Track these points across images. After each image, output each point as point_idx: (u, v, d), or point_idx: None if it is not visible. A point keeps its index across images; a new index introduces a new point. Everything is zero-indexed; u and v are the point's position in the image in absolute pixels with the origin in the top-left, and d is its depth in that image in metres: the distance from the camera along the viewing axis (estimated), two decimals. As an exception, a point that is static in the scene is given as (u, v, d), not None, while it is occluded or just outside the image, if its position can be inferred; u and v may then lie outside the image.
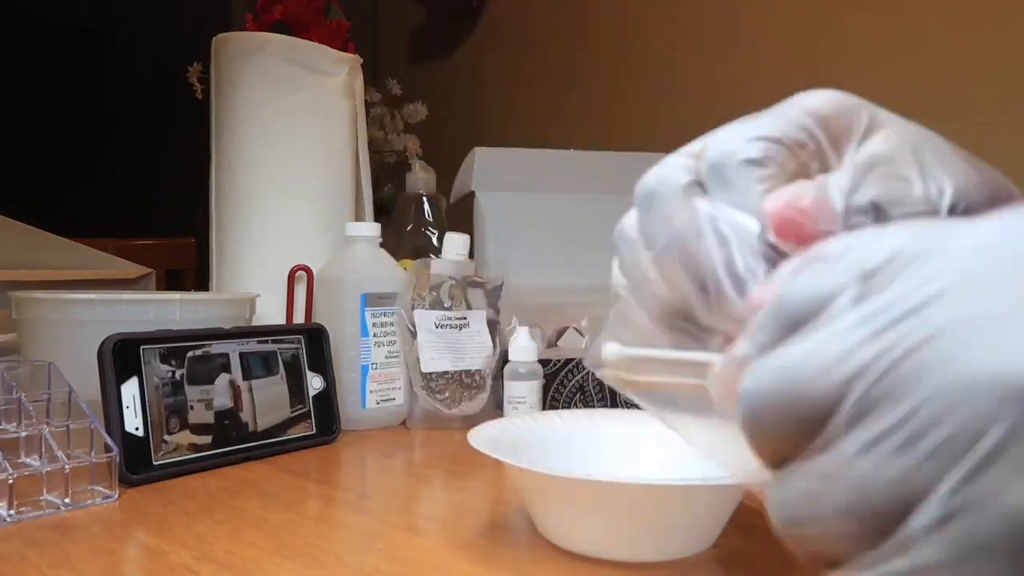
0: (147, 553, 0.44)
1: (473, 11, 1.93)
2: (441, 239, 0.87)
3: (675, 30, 1.51)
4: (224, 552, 0.43)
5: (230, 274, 0.88)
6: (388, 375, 0.76)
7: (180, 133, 1.86)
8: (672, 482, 0.41)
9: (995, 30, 1.11)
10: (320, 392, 0.69)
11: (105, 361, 0.55)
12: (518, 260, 0.95)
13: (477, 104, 1.91)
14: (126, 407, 0.55)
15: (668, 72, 1.52)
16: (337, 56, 0.92)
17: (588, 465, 0.48)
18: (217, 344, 0.62)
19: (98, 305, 0.66)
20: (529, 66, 1.81)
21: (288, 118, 0.88)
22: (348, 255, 0.78)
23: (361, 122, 0.96)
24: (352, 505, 0.54)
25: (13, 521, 0.47)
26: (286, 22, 1.03)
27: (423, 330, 0.75)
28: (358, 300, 0.74)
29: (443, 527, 0.49)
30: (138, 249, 1.57)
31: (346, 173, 0.94)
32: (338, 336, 0.73)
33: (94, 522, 0.48)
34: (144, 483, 0.55)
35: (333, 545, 0.45)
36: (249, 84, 0.87)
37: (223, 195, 0.89)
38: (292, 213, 0.88)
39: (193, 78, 1.23)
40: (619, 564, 0.41)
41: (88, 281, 1.16)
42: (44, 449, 0.51)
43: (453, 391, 0.75)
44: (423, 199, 1.03)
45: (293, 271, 0.84)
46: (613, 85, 1.63)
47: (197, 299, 0.73)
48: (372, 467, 0.66)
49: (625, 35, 1.61)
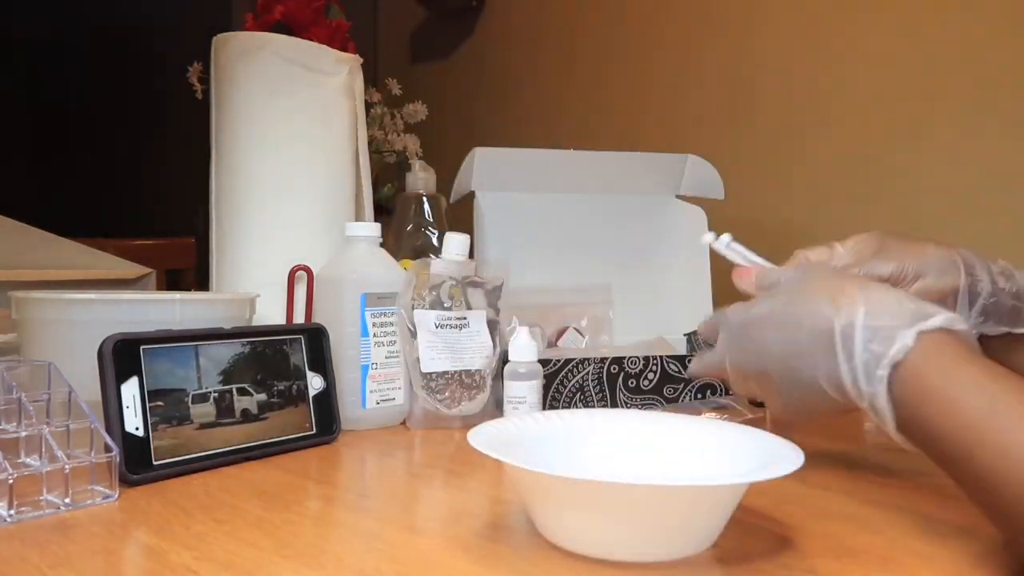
0: (147, 553, 0.44)
1: (473, 11, 1.93)
2: (441, 239, 0.87)
3: (676, 30, 1.51)
4: (224, 552, 0.43)
5: (230, 274, 0.88)
6: (388, 375, 0.76)
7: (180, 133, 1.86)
8: (672, 482, 0.41)
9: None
10: (320, 392, 0.69)
11: (105, 361, 0.55)
12: (518, 260, 0.95)
13: (477, 104, 1.91)
14: (126, 407, 0.55)
15: (668, 72, 1.52)
16: (337, 56, 0.92)
17: (588, 465, 0.48)
18: (217, 344, 0.62)
19: (98, 305, 0.66)
20: (529, 66, 1.81)
21: (288, 118, 0.88)
22: (348, 255, 0.78)
23: (361, 122, 0.96)
24: (352, 505, 0.54)
25: (13, 521, 0.47)
26: (286, 22, 1.03)
27: (423, 330, 0.75)
28: (358, 300, 0.74)
29: (443, 527, 0.49)
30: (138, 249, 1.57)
31: (346, 173, 0.93)
32: (338, 336, 0.73)
33: (94, 522, 0.48)
34: (144, 483, 0.55)
35: (333, 545, 0.45)
36: (249, 84, 0.87)
37: (223, 195, 0.89)
38: (292, 213, 0.88)
39: (193, 78, 1.23)
40: (619, 564, 0.41)
41: (88, 281, 1.16)
42: (44, 449, 0.51)
43: (453, 391, 0.75)
44: (423, 199, 1.03)
45: (293, 271, 0.84)
46: (613, 85, 1.63)
47: (197, 299, 0.73)
48: (372, 467, 0.66)
49: (625, 35, 1.61)
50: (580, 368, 0.81)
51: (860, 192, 1.24)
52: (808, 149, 1.31)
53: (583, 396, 0.81)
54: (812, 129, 1.30)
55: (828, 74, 1.28)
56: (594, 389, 0.82)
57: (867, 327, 0.44)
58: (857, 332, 0.44)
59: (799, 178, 1.32)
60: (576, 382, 0.81)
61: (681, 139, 1.46)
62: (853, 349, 0.44)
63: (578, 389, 0.81)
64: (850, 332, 0.44)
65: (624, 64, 1.61)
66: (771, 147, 1.36)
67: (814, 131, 1.30)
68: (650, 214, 1.04)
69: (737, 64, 1.41)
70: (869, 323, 0.44)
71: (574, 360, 0.81)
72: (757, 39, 1.38)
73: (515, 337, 0.74)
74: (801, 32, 1.32)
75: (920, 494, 0.55)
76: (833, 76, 1.28)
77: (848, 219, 1.25)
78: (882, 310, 0.44)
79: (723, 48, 1.43)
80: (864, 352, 0.44)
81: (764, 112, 1.37)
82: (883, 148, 1.22)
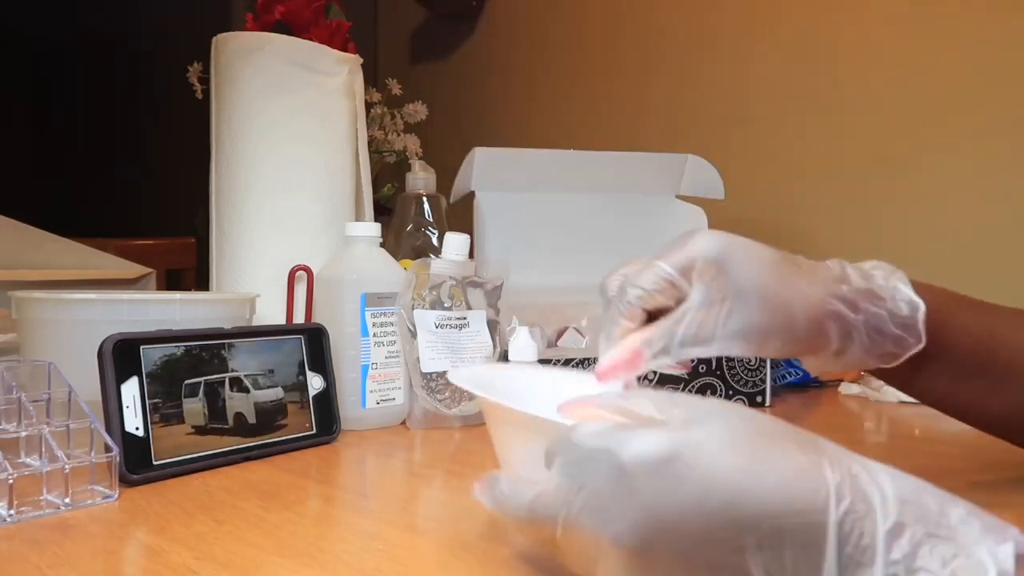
0: (147, 553, 0.44)
1: (473, 11, 1.93)
2: (441, 239, 0.87)
3: (676, 30, 1.51)
4: (224, 552, 0.43)
5: (230, 274, 0.88)
6: (388, 375, 0.76)
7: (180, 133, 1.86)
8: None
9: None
10: (320, 392, 0.69)
11: (105, 361, 0.55)
12: (518, 260, 0.95)
13: (477, 104, 1.91)
14: (126, 407, 0.55)
15: (669, 73, 1.52)
16: (337, 56, 0.92)
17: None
18: (217, 344, 0.62)
19: (98, 305, 0.66)
20: (529, 66, 1.81)
21: (288, 118, 0.88)
22: (348, 255, 0.78)
23: (361, 122, 0.96)
24: (352, 505, 0.54)
25: (13, 521, 0.47)
26: (286, 22, 1.02)
27: (423, 330, 0.75)
28: (358, 300, 0.74)
29: (443, 527, 0.49)
30: (138, 249, 1.57)
31: (346, 173, 0.94)
32: (338, 336, 0.73)
33: (94, 522, 0.48)
34: (144, 483, 0.55)
35: (333, 545, 0.45)
36: (249, 84, 0.87)
37: (223, 195, 0.89)
38: (292, 213, 0.88)
39: (193, 78, 1.23)
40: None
41: (88, 281, 1.16)
42: (44, 449, 0.51)
43: (453, 391, 0.75)
44: (423, 199, 1.02)
45: (293, 271, 0.84)
46: (613, 85, 1.63)
47: (197, 299, 0.73)
48: (372, 467, 0.66)
49: (625, 35, 1.61)
50: (580, 368, 0.81)
51: (861, 192, 1.24)
52: (808, 149, 1.31)
53: (583, 396, 0.81)
54: (812, 129, 1.30)
55: (828, 74, 1.28)
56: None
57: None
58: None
59: (799, 178, 1.32)
60: (576, 382, 0.81)
61: (681, 139, 1.46)
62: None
63: (578, 389, 0.81)
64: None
65: (624, 64, 1.61)
66: (771, 147, 1.35)
67: (814, 131, 1.30)
68: (650, 214, 1.04)
69: (737, 64, 1.41)
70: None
71: (574, 360, 0.81)
72: (757, 40, 1.38)
73: (515, 337, 0.74)
74: (802, 33, 1.32)
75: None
76: (833, 76, 1.28)
77: (849, 219, 1.25)
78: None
79: (723, 48, 1.43)
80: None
81: (764, 112, 1.37)
82: (884, 148, 1.22)
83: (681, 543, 0.28)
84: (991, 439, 0.55)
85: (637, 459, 0.29)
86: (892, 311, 0.47)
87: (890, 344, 0.47)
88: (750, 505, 0.28)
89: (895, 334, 0.47)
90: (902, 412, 0.86)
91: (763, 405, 0.87)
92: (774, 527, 0.27)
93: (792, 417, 0.83)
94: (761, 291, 0.44)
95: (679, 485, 0.28)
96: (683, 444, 0.29)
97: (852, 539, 0.27)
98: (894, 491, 0.28)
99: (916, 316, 0.47)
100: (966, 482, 0.59)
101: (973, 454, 0.68)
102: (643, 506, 0.28)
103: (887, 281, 0.47)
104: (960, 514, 0.28)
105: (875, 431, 0.79)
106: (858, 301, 0.46)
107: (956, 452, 0.69)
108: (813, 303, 0.45)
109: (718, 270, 0.43)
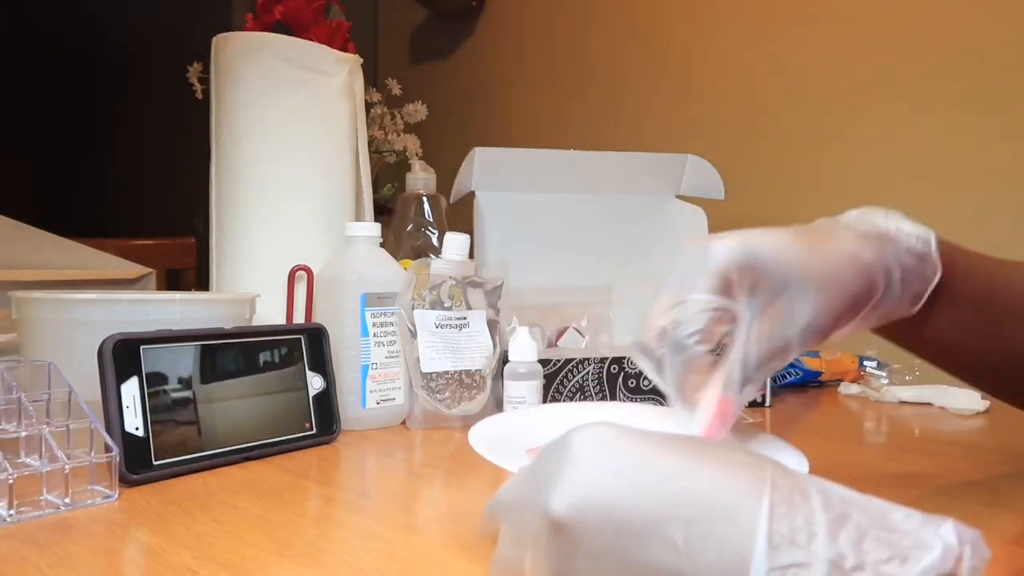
0: (147, 553, 0.44)
1: (473, 11, 1.93)
2: (441, 239, 0.87)
3: (677, 30, 1.51)
4: (224, 552, 0.43)
5: (230, 274, 0.88)
6: (388, 375, 0.76)
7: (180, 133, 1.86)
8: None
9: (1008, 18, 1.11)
10: (320, 392, 0.69)
11: (105, 361, 0.55)
12: (518, 260, 0.95)
13: (477, 104, 1.91)
14: (126, 407, 0.55)
15: (669, 73, 1.52)
16: (337, 56, 0.92)
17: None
18: (217, 344, 0.62)
19: (98, 305, 0.66)
20: (529, 66, 1.81)
21: (288, 118, 0.88)
22: (348, 255, 0.78)
23: (361, 122, 0.96)
24: (352, 505, 0.54)
25: (13, 521, 0.47)
26: (286, 22, 1.02)
27: (423, 330, 0.75)
28: (358, 300, 0.74)
29: (443, 527, 0.49)
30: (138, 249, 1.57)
31: (346, 173, 0.94)
32: (338, 336, 0.73)
33: (94, 522, 0.48)
34: (144, 483, 0.55)
35: (333, 545, 0.45)
36: (249, 84, 0.87)
37: (223, 195, 0.89)
38: (292, 213, 0.88)
39: (193, 78, 1.23)
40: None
41: (88, 281, 1.16)
42: (44, 449, 0.51)
43: (453, 391, 0.75)
44: (423, 199, 1.02)
45: (293, 271, 0.84)
46: (613, 85, 1.63)
47: (197, 299, 0.73)
48: (372, 467, 0.66)
49: (625, 35, 1.61)
50: (580, 368, 0.81)
51: (861, 192, 1.24)
52: (809, 149, 1.31)
53: (583, 396, 0.81)
54: (813, 129, 1.30)
55: (829, 75, 1.28)
56: (594, 389, 0.82)
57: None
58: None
59: (800, 178, 1.32)
60: (576, 382, 0.81)
61: (682, 139, 1.46)
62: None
63: (578, 389, 0.81)
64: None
65: (624, 64, 1.61)
66: (772, 147, 1.35)
67: (815, 131, 1.30)
68: (650, 214, 1.04)
69: (738, 64, 1.41)
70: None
71: (574, 360, 0.81)
72: (759, 41, 1.38)
73: (515, 337, 0.74)
74: (803, 35, 1.32)
75: (921, 494, 0.55)
76: (834, 77, 1.28)
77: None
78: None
79: (725, 48, 1.43)
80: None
81: (765, 112, 1.37)
82: (884, 148, 1.22)
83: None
84: (991, 439, 0.55)
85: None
86: (908, 247, 0.47)
87: (915, 281, 0.47)
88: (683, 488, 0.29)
89: (917, 268, 0.46)
90: (902, 412, 0.86)
91: (763, 405, 0.87)
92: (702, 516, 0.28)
93: (792, 417, 0.83)
94: (807, 271, 0.42)
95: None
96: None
97: (786, 522, 0.27)
98: (837, 491, 0.29)
99: (930, 247, 0.47)
100: (966, 482, 0.59)
101: (973, 454, 0.68)
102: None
103: (889, 222, 0.47)
104: (900, 516, 0.29)
105: (875, 431, 0.79)
106: (880, 244, 0.46)
107: (956, 452, 0.69)
108: (853, 259, 0.44)
109: (754, 273, 0.42)
